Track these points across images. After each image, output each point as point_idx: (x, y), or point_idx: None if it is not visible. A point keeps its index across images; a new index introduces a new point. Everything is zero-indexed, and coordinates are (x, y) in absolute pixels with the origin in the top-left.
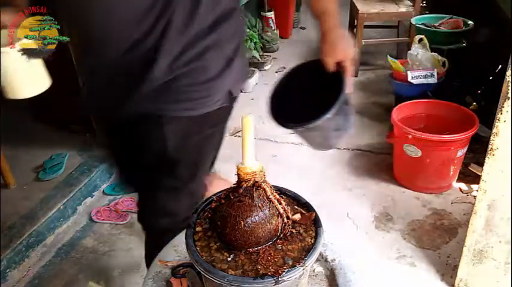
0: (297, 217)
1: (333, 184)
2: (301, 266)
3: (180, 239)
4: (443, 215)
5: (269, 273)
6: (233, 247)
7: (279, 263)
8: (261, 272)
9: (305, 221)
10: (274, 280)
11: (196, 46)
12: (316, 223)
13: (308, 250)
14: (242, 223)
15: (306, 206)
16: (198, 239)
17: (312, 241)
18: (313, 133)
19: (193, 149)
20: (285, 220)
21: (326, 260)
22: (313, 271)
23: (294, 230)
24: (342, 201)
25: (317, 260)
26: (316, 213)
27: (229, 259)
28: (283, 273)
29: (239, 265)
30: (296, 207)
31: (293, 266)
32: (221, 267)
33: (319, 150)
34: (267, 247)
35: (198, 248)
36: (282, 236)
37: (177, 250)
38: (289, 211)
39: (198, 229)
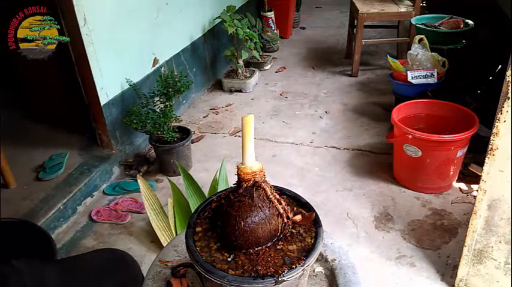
0: (298, 218)
1: (333, 184)
2: (301, 266)
3: (180, 239)
4: (443, 215)
5: (269, 273)
6: (233, 247)
7: (279, 264)
8: (261, 272)
9: (305, 222)
10: (274, 280)
11: None
12: (316, 223)
13: (308, 250)
14: (242, 223)
15: (306, 206)
16: (198, 239)
17: (312, 241)
18: None
19: None
20: (285, 220)
21: (326, 260)
22: (313, 271)
23: (294, 231)
24: (342, 201)
25: (317, 260)
26: (316, 213)
27: (229, 259)
28: (283, 273)
29: (239, 265)
30: (296, 207)
31: (293, 266)
32: (221, 267)
33: None
34: (266, 248)
35: (198, 248)
36: (282, 236)
37: (177, 250)
38: (289, 211)
39: (198, 229)
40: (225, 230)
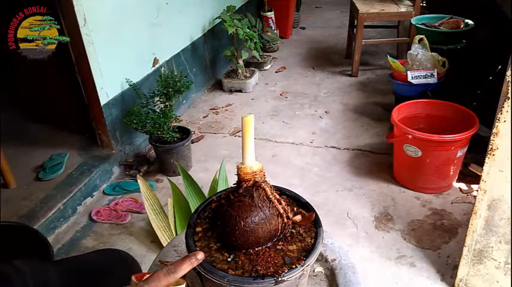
0: (298, 218)
1: (333, 184)
2: (301, 266)
3: (180, 239)
4: (443, 215)
5: (269, 273)
6: (233, 247)
7: (279, 264)
8: (261, 272)
9: (305, 222)
10: (274, 280)
11: None
12: (316, 223)
13: (308, 250)
14: (242, 223)
15: (306, 206)
16: (198, 239)
17: (312, 241)
18: None
19: None
20: (285, 220)
21: (326, 260)
22: (313, 271)
23: (294, 231)
24: (342, 201)
25: (317, 260)
26: (316, 213)
27: (229, 259)
28: (283, 273)
29: (239, 265)
30: (296, 207)
31: (293, 266)
32: (221, 267)
33: None
34: (266, 248)
35: (198, 249)
36: (282, 236)
37: (177, 250)
38: (289, 211)
39: (198, 229)
40: (225, 230)
